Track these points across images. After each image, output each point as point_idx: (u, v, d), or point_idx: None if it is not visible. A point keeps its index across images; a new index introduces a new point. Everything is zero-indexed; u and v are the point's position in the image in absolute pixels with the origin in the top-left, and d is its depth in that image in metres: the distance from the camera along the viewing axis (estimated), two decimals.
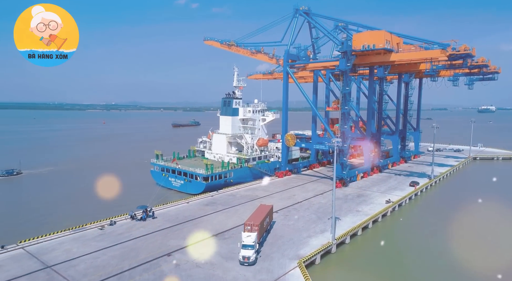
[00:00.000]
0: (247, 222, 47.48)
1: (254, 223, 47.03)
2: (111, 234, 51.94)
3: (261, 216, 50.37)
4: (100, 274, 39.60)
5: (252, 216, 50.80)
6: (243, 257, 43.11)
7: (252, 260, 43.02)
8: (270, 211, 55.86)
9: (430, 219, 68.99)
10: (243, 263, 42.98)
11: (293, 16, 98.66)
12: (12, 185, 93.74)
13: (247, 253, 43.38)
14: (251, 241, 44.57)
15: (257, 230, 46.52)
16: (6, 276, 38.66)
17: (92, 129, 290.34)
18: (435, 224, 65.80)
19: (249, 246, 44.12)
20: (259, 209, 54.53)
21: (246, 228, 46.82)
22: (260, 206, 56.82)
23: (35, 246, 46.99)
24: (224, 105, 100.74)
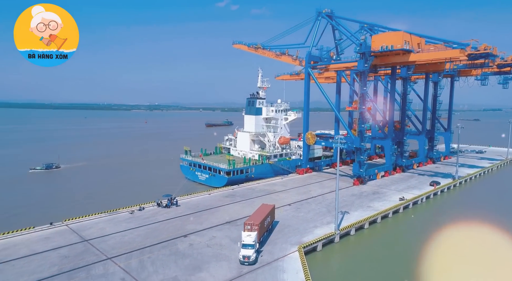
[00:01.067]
0: (247, 222, 47.29)
1: (254, 222, 46.88)
2: (139, 218, 59.59)
3: (262, 216, 50.08)
4: (126, 248, 46.83)
5: (253, 215, 50.63)
6: (243, 257, 42.71)
7: (252, 260, 42.69)
8: (272, 211, 55.39)
9: (442, 220, 69.25)
10: (243, 263, 42.62)
11: (315, 18, 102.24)
12: (52, 177, 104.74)
13: (247, 252, 43.01)
14: (251, 240, 44.32)
15: (257, 230, 46.27)
16: (52, 246, 47.14)
17: (134, 128, 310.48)
18: (445, 225, 65.76)
19: (249, 246, 43.77)
20: (260, 209, 54.28)
21: (246, 227, 46.64)
22: (262, 205, 56.54)
23: (76, 224, 55.66)
24: (248, 105, 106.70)
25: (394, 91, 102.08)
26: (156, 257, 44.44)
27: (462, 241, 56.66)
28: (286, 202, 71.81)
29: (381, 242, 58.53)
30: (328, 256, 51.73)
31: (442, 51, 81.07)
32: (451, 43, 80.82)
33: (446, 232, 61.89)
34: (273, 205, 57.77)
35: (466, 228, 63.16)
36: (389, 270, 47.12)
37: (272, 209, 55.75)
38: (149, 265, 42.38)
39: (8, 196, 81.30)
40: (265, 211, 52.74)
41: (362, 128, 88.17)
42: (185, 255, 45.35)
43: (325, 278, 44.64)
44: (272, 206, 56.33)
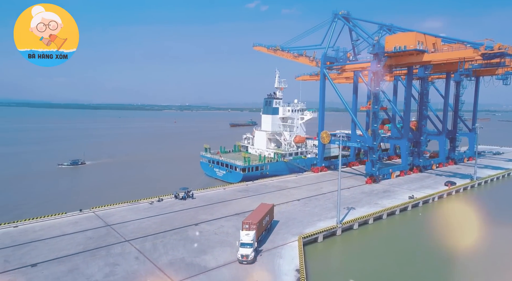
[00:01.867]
0: (245, 221, 47.27)
1: (252, 221, 46.83)
2: (157, 208, 65.41)
3: (260, 215, 50.06)
4: (142, 233, 52.47)
5: (251, 214, 50.70)
6: (241, 256, 42.52)
7: (251, 259, 42.48)
8: (271, 210, 55.24)
9: (451, 220, 69.77)
10: (241, 262, 42.35)
11: (332, 20, 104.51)
12: (78, 172, 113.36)
13: (245, 251, 42.83)
14: (250, 239, 44.12)
15: (256, 229, 46.26)
16: (80, 229, 53.71)
17: (164, 128, 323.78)
18: (453, 225, 66.42)
19: (247, 245, 43.51)
20: (259, 208, 54.14)
21: (244, 226, 46.54)
22: (261, 204, 56.43)
23: (102, 211, 62.30)
24: (265, 105, 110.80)
25: (410, 91, 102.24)
26: (168, 241, 49.66)
27: (467, 242, 57.04)
28: (296, 197, 75.21)
29: (383, 237, 60.67)
30: (328, 247, 54.78)
31: (456, 51, 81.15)
32: (465, 43, 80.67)
33: (453, 232, 62.38)
34: (272, 204, 57.54)
35: (474, 229, 63.68)
36: (384, 264, 49.21)
37: (271, 208, 55.63)
38: (161, 247, 47.63)
39: (41, 187, 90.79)
40: (264, 210, 52.68)
41: (375, 128, 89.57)
42: (194, 240, 50.25)
43: (320, 266, 47.88)
44: (271, 206, 56.12)
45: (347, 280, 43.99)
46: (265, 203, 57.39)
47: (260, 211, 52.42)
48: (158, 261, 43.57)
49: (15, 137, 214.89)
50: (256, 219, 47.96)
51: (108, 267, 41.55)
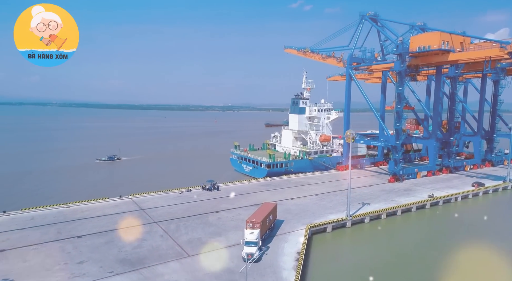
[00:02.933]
0: (249, 220, 47.57)
1: (256, 220, 47.28)
2: (185, 197, 73.12)
3: (264, 214, 50.37)
4: (169, 217, 60.09)
5: (255, 213, 51.11)
6: (246, 254, 42.62)
7: (255, 257, 42.73)
8: (274, 209, 55.43)
9: (469, 221, 69.66)
10: (246, 260, 41.82)
11: (359, 21, 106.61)
12: (115, 166, 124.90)
13: (250, 250, 43.20)
14: (254, 238, 44.63)
15: (259, 228, 46.67)
16: (118, 211, 62.69)
17: (204, 127, 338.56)
18: (470, 226, 66.09)
19: (252, 243, 44.05)
20: (262, 207, 54.54)
21: (248, 225, 46.89)
22: (264, 204, 57.11)
23: (137, 198, 71.24)
24: (292, 104, 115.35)
25: (439, 91, 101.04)
26: (189, 224, 56.72)
27: (480, 244, 55.61)
28: (314, 192, 79.27)
29: (392, 232, 63.01)
30: (336, 238, 58.55)
31: (482, 50, 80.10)
32: (492, 42, 79.40)
33: (468, 232, 61.76)
34: (275, 203, 57.92)
35: (491, 231, 63.04)
36: (386, 258, 51.78)
37: (274, 207, 55.89)
38: (183, 229, 54.78)
39: (85, 177, 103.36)
40: (267, 209, 53.08)
41: (397, 127, 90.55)
42: (212, 225, 56.84)
43: (323, 252, 52.08)
44: (275, 204, 56.60)
45: (345, 266, 47.91)
46: (268, 202, 58.05)
47: (264, 210, 52.68)
48: (179, 239, 50.64)
49: (71, 135, 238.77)
50: (260, 218, 48.18)
51: (137, 242, 49.36)
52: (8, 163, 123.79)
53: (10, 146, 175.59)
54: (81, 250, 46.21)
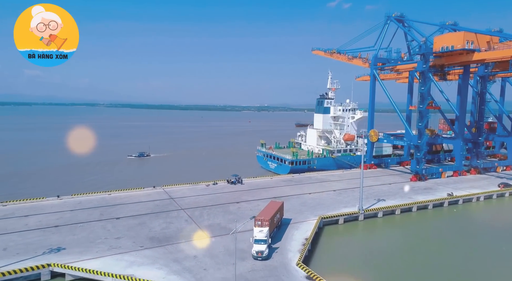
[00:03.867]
0: (258, 218, 48.15)
1: (265, 218, 47.93)
2: (211, 189, 79.93)
3: (271, 212, 51.02)
4: (194, 205, 66.98)
5: (263, 211, 51.95)
6: (256, 252, 43.70)
7: (265, 255, 43.67)
8: (281, 208, 56.10)
9: (489, 221, 69.78)
10: (256, 258, 43.45)
11: (384, 22, 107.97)
12: (145, 162, 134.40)
13: (260, 247, 44.05)
14: (264, 235, 45.47)
15: (268, 225, 47.31)
16: (151, 199, 70.76)
17: (238, 126, 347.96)
18: (488, 227, 66.12)
19: (261, 241, 44.79)
20: (269, 205, 55.30)
21: (256, 223, 47.59)
22: (271, 202, 57.75)
23: (169, 188, 79.11)
24: (317, 104, 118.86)
25: (466, 90, 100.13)
26: (211, 212, 63.18)
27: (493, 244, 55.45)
28: (333, 188, 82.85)
29: (404, 228, 65.42)
30: (347, 229, 62.21)
31: (507, 49, 79.18)
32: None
33: (484, 233, 61.56)
34: (282, 202, 58.53)
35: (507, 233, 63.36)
36: (393, 251, 54.62)
37: (281, 206, 56.59)
38: (205, 215, 61.35)
39: (118, 171, 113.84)
40: (274, 207, 53.90)
41: (420, 127, 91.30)
42: (231, 213, 62.90)
43: (331, 241, 56.26)
44: (281, 203, 57.32)
45: (350, 254, 51.77)
46: (275, 201, 58.94)
47: (271, 208, 53.50)
48: (201, 223, 57.20)
49: (110, 132, 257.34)
50: (268, 215, 48.98)
51: (165, 224, 56.60)
52: (59, 157, 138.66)
53: (61, 142, 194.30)
54: (118, 229, 54.18)
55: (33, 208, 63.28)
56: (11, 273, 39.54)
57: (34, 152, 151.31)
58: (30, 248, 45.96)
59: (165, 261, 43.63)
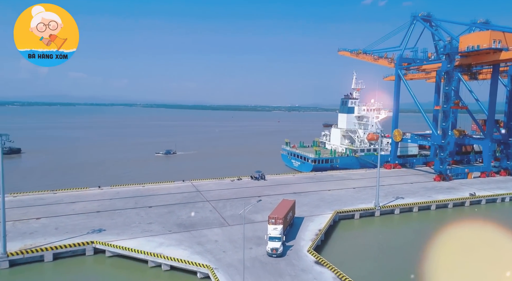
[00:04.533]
0: (271, 215, 48.97)
1: (278, 216, 48.65)
2: (236, 184, 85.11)
3: (284, 210, 51.87)
4: (219, 197, 72.38)
5: (276, 210, 52.69)
6: (271, 249, 44.54)
7: (280, 252, 44.53)
8: (293, 206, 56.83)
9: (508, 222, 69.22)
10: (271, 255, 44.26)
11: (410, 22, 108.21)
12: (171, 159, 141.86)
13: (275, 245, 44.91)
14: (278, 233, 46.17)
15: (282, 223, 47.97)
16: (180, 191, 77.09)
17: (267, 126, 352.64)
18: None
19: (276, 238, 45.50)
20: (282, 204, 56.09)
21: (270, 220, 48.34)
22: (283, 200, 58.47)
23: (196, 182, 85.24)
24: (342, 104, 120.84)
25: (495, 89, 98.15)
26: (234, 204, 68.22)
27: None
28: (353, 186, 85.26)
29: (420, 225, 66.72)
30: (362, 224, 64.92)
31: None
32: None
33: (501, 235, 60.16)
34: (294, 200, 59.32)
35: None
36: (402, 246, 56.57)
37: (293, 204, 57.38)
38: (228, 206, 66.51)
39: (148, 166, 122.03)
40: (287, 205, 54.75)
41: (444, 127, 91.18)
42: (252, 205, 67.52)
43: (344, 234, 59.38)
44: (293, 201, 58.14)
45: (361, 247, 54.67)
46: (287, 199, 59.72)
47: (284, 206, 54.41)
48: (223, 213, 62.42)
49: (142, 132, 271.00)
50: (282, 213, 49.87)
51: (191, 213, 62.38)
52: (98, 153, 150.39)
53: (100, 139, 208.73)
54: (150, 215, 60.61)
55: (79, 196, 71.61)
56: (62, 247, 46.69)
57: (78, 148, 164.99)
58: (77, 228, 53.25)
59: (190, 243, 49.11)
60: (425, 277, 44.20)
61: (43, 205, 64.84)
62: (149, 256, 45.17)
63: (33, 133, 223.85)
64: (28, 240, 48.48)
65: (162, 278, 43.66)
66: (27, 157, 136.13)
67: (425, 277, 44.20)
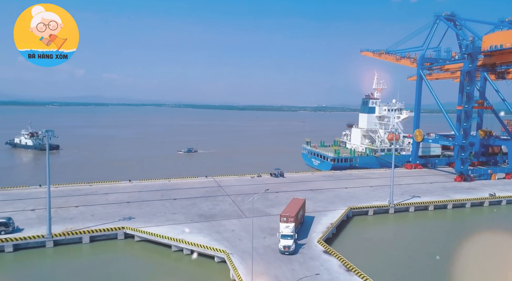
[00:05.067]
0: (283, 214, 49.73)
1: (290, 214, 49.34)
2: (255, 180, 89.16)
3: (296, 209, 52.49)
4: (239, 192, 76.60)
5: (287, 208, 53.49)
6: (283, 247, 45.35)
7: (292, 249, 45.37)
8: (303, 204, 57.40)
9: None
10: (283, 253, 45.00)
11: (433, 22, 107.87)
12: (193, 156, 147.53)
13: (287, 242, 45.68)
14: (290, 231, 47.00)
15: (293, 221, 48.69)
16: (202, 185, 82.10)
17: (291, 126, 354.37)
18: None
19: (288, 236, 46.29)
20: (293, 202, 56.90)
21: (282, 219, 49.08)
22: (293, 199, 59.27)
23: (218, 178, 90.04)
24: (362, 104, 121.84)
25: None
26: None
27: None
28: (370, 184, 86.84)
29: (434, 223, 67.76)
30: (376, 220, 67.03)
31: None
32: None
33: None
34: (304, 198, 60.07)
35: None
36: (413, 242, 58.18)
37: (304, 203, 57.90)
38: (246, 201, 70.38)
39: (172, 163, 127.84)
40: (298, 204, 55.42)
41: (465, 127, 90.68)
42: (269, 200, 71.30)
43: (356, 228, 61.81)
44: (303, 200, 58.76)
45: (370, 241, 56.95)
46: (297, 198, 60.38)
47: (294, 204, 55.14)
48: (242, 206, 66.62)
49: (169, 131, 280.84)
50: (293, 212, 50.72)
51: (212, 205, 67.01)
52: (129, 150, 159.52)
53: (132, 138, 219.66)
54: (174, 207, 65.82)
55: (111, 188, 78.32)
56: (97, 231, 52.64)
57: (110, 145, 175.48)
58: (110, 216, 59.24)
59: (209, 232, 53.61)
60: (427, 273, 46.04)
61: (81, 195, 71.83)
62: (172, 241, 50.05)
63: (69, 132, 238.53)
64: (68, 224, 54.85)
65: (184, 261, 48.38)
66: (65, 153, 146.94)
67: (427, 273, 46.04)
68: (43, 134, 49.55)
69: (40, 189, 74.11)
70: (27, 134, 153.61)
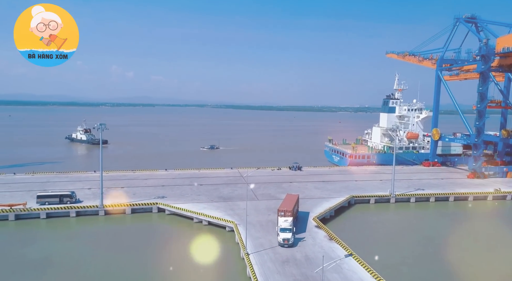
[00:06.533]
0: (281, 208, 51.46)
1: (287, 209, 51.22)
2: (274, 173, 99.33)
3: (292, 203, 54.64)
4: (257, 181, 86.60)
5: (283, 203, 55.67)
6: (283, 240, 47.15)
7: (291, 242, 47.20)
8: (297, 200, 59.44)
9: None
10: (283, 245, 46.87)
11: (453, 24, 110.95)
12: (216, 153, 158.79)
13: (286, 235, 47.42)
14: (288, 224, 48.59)
15: (291, 215, 50.48)
16: (226, 175, 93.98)
17: (325, 126, 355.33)
18: None
19: (287, 230, 47.85)
20: (288, 198, 59.09)
21: (280, 213, 50.61)
22: (287, 195, 61.46)
23: (241, 169, 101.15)
24: (383, 104, 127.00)
25: None
26: (268, 187, 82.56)
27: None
28: (381, 179, 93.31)
29: (432, 213, 73.59)
30: (376, 208, 74.44)
31: None
32: None
33: None
34: (298, 194, 62.89)
35: None
36: (407, 229, 65.60)
37: (298, 198, 60.12)
38: (262, 188, 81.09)
39: (197, 158, 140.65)
40: (293, 199, 57.79)
41: (477, 126, 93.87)
42: (283, 188, 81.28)
43: (355, 214, 69.89)
44: (297, 195, 61.36)
45: (366, 225, 64.91)
46: (291, 194, 63.12)
47: (290, 200, 57.54)
48: (257, 192, 77.32)
49: (202, 130, 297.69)
50: (290, 206, 52.90)
51: (231, 190, 78.63)
52: (167, 145, 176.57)
53: (172, 135, 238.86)
54: (200, 190, 78.20)
55: (150, 175, 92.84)
56: (137, 205, 66.36)
57: (152, 141, 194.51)
58: (148, 195, 72.84)
59: (225, 209, 65.04)
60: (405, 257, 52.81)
61: (126, 179, 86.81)
62: (194, 214, 62.18)
63: (118, 129, 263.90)
64: (116, 199, 69.12)
65: (202, 230, 60.15)
66: (112, 147, 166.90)
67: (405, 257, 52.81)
68: (97, 127, 64.06)
69: (94, 174, 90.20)
70: (82, 130, 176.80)
